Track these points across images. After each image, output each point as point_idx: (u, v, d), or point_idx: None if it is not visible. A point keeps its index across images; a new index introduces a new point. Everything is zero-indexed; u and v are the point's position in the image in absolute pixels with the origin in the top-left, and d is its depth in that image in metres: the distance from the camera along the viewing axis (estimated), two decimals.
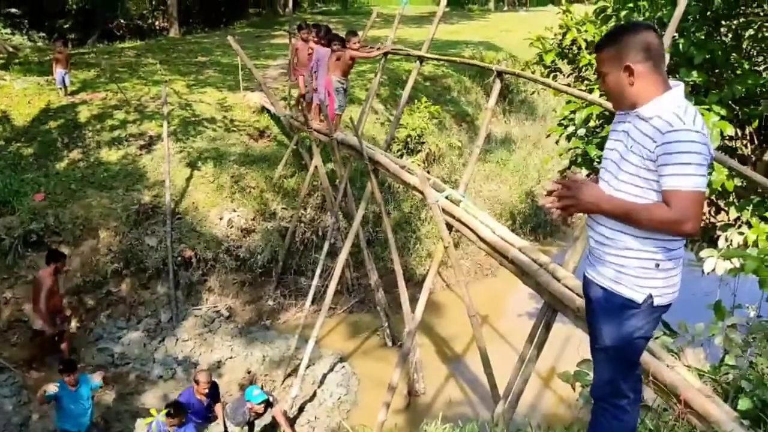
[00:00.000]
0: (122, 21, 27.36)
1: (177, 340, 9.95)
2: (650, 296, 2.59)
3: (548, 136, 8.44)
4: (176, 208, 11.13)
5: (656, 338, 4.37)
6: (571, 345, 8.57)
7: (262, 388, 8.15)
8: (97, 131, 12.30)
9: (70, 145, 11.87)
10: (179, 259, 10.62)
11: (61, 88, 13.19)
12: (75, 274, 9.92)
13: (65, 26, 24.95)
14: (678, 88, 2.58)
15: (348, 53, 9.69)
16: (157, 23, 29.69)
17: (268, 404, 7.97)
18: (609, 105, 5.57)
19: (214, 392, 7.97)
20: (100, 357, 9.36)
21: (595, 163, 7.15)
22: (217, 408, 8.04)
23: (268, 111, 13.51)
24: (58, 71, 13.06)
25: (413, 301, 8.43)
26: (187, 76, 15.88)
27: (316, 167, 10.94)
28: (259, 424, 8.14)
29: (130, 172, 11.55)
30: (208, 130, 12.99)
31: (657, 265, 2.57)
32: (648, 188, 2.52)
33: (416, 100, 14.96)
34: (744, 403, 3.54)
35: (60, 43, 13.63)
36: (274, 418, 8.00)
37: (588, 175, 8.06)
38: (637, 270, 2.59)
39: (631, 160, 2.56)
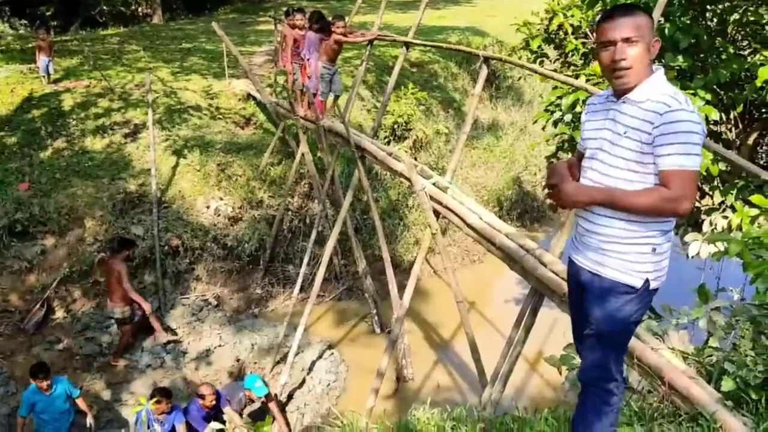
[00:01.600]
0: (105, 8, 27.00)
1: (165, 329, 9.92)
2: (647, 281, 2.60)
3: (535, 122, 8.43)
4: (162, 196, 11.07)
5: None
6: (557, 329, 8.65)
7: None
8: (81, 120, 12.18)
9: (54, 133, 11.74)
10: (166, 248, 10.57)
11: (44, 76, 13.03)
12: (61, 264, 9.86)
13: (47, 13, 24.62)
14: (660, 71, 2.57)
15: (333, 38, 9.60)
16: (140, 10, 29.31)
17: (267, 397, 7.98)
18: (594, 90, 5.58)
19: (220, 403, 7.65)
20: (87, 347, 9.32)
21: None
22: (229, 411, 7.67)
23: (254, 98, 13.43)
24: (42, 59, 12.88)
25: (401, 287, 8.46)
26: (172, 63, 15.74)
27: (302, 155, 10.91)
28: (247, 410, 8.17)
29: (115, 161, 11.46)
30: (193, 117, 12.90)
31: (654, 250, 2.58)
32: (645, 172, 2.51)
33: (403, 87, 14.92)
34: (727, 385, 3.60)
35: (43, 31, 13.43)
36: (264, 403, 8.02)
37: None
38: (635, 255, 2.59)
39: (628, 146, 2.53)
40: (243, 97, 13.70)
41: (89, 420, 7.47)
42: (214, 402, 7.46)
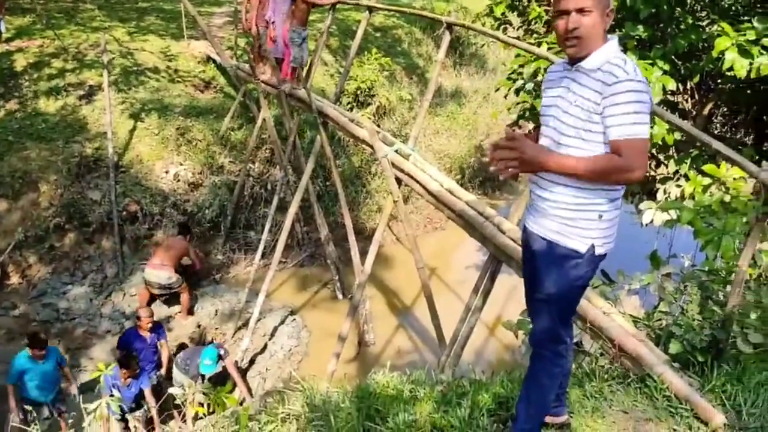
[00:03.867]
0: None
1: (124, 294, 9.83)
2: (592, 246, 2.67)
3: (497, 89, 8.45)
4: (119, 161, 10.84)
5: (595, 287, 4.54)
6: (515, 295, 8.82)
7: (220, 347, 8.13)
8: (34, 81, 11.77)
9: (5, 95, 11.34)
10: (124, 213, 10.40)
11: None
12: (15, 229, 9.63)
13: None
14: (613, 41, 2.59)
15: None
16: None
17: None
18: (555, 59, 5.61)
19: (158, 331, 8.12)
20: (44, 313, 9.19)
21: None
22: (163, 347, 8.15)
23: (214, 61, 13.15)
24: None
25: (363, 254, 8.49)
26: (128, 23, 15.25)
27: (264, 120, 10.76)
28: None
29: (70, 124, 11.14)
30: (151, 80, 12.58)
31: (600, 216, 2.63)
32: (593, 141, 2.54)
33: (366, 52, 14.78)
34: (674, 347, 3.74)
35: None
36: (224, 368, 8.04)
37: (536, 128, 8.18)
38: (581, 222, 2.64)
39: (577, 114, 2.57)
40: (202, 60, 13.40)
41: (73, 389, 7.50)
42: (150, 324, 7.87)
